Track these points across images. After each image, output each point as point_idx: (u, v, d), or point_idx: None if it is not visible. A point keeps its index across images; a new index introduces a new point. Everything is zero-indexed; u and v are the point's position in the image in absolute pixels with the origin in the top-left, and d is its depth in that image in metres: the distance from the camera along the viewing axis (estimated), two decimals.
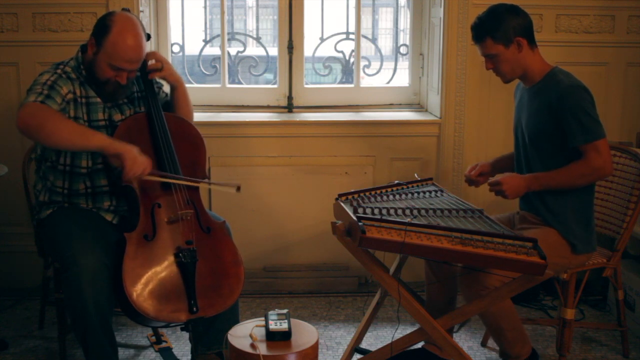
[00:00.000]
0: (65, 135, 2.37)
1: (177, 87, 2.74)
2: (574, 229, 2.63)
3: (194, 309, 2.40)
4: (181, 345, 3.08)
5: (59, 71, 2.55)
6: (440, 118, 3.67)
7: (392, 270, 2.65)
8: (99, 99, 2.60)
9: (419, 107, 3.93)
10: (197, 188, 2.62)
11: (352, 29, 3.88)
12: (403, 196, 2.66)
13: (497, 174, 2.82)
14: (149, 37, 2.67)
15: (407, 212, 2.40)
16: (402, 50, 3.98)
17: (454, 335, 2.86)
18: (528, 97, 2.70)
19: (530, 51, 2.63)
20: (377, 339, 3.17)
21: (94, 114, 2.59)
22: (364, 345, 2.96)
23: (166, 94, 2.82)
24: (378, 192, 2.67)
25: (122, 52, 2.49)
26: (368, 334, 3.07)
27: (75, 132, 2.40)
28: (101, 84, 2.58)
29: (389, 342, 2.51)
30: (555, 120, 2.57)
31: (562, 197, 2.62)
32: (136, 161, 2.37)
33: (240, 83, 3.96)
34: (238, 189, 2.59)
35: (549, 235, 2.61)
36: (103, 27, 2.51)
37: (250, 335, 2.34)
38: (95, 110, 2.60)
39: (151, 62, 2.67)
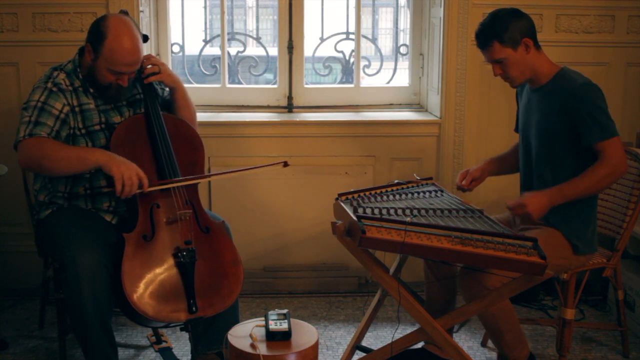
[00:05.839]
0: (64, 166, 2.41)
1: (175, 89, 2.74)
2: (578, 230, 2.62)
3: (193, 309, 2.40)
4: (181, 345, 3.07)
5: (49, 85, 2.53)
6: (440, 118, 3.66)
7: (392, 270, 2.65)
8: (92, 105, 2.60)
9: (419, 107, 3.93)
10: (195, 188, 2.62)
11: (352, 29, 3.88)
12: (403, 196, 2.66)
13: (487, 177, 2.81)
14: (146, 38, 2.66)
15: (407, 212, 2.40)
16: (402, 50, 3.98)
17: (454, 335, 2.86)
18: (537, 99, 2.66)
19: (536, 52, 2.60)
20: (377, 339, 3.17)
21: (88, 120, 2.59)
22: (363, 344, 2.96)
23: (168, 93, 2.82)
24: (378, 192, 2.67)
25: (120, 57, 2.49)
26: (368, 334, 3.07)
27: (72, 160, 2.41)
28: (104, 89, 2.58)
29: (389, 342, 2.51)
30: (569, 119, 2.53)
31: None
32: (125, 183, 2.35)
33: (240, 83, 3.95)
34: (285, 164, 2.61)
35: (551, 236, 2.59)
36: (98, 33, 2.50)
37: (250, 335, 2.34)
38: (90, 117, 2.60)
39: (148, 66, 2.66)
